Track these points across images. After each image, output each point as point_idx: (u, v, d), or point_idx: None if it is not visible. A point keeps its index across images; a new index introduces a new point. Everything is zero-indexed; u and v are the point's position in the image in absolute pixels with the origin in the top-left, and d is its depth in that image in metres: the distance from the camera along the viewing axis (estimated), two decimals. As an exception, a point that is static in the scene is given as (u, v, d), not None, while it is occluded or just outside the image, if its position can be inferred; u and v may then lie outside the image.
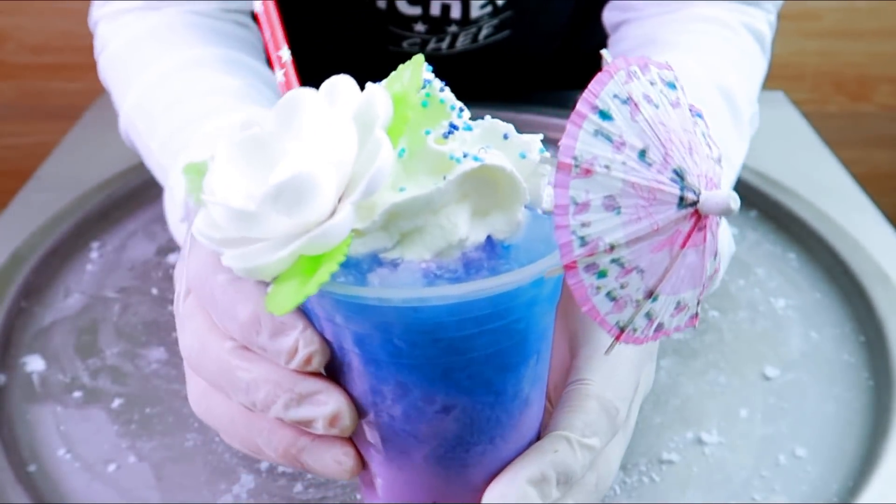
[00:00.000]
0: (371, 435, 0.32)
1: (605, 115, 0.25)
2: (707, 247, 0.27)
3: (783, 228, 0.71)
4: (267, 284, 0.28)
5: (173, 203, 0.52)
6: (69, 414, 0.54)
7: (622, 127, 0.25)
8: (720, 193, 0.25)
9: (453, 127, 0.29)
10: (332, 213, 0.27)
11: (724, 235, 0.39)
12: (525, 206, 0.30)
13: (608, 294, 0.26)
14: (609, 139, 0.25)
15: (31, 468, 0.51)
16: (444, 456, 0.32)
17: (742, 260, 0.68)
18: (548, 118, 0.84)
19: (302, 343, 0.29)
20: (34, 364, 0.58)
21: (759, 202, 0.73)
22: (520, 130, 0.31)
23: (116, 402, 0.55)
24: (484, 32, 0.78)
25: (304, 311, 0.31)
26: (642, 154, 0.25)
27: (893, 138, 1.51)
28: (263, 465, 0.51)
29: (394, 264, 0.28)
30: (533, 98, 0.88)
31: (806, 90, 1.48)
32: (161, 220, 0.73)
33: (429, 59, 0.30)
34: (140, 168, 0.76)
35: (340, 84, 0.29)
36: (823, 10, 1.42)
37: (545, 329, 0.32)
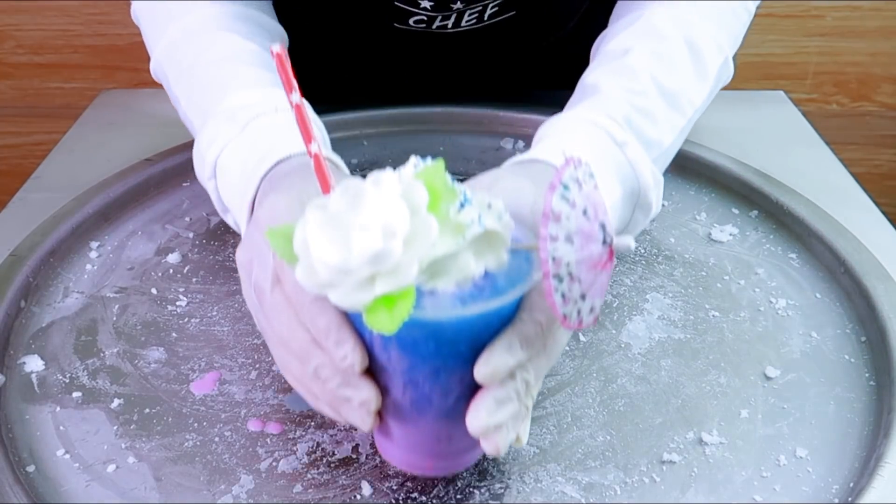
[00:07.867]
0: (396, 405, 0.45)
1: (566, 188, 0.41)
2: (610, 272, 0.44)
3: (784, 228, 0.71)
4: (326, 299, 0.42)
5: (203, 161, 0.62)
6: (68, 414, 0.54)
7: (574, 196, 0.41)
8: (624, 239, 0.43)
9: (461, 203, 0.42)
10: (400, 266, 0.40)
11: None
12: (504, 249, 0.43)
13: (562, 294, 0.40)
14: (567, 201, 0.41)
15: (30, 469, 0.51)
16: (449, 409, 0.45)
17: (742, 260, 0.68)
18: (547, 118, 0.83)
19: (350, 355, 0.43)
20: (33, 364, 0.58)
21: (759, 202, 0.73)
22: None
23: (115, 403, 0.55)
24: (489, 11, 0.79)
25: (353, 321, 0.44)
26: (584, 212, 0.41)
27: (895, 138, 1.51)
28: (263, 466, 0.51)
29: (431, 293, 0.41)
30: (533, 97, 0.88)
31: (807, 89, 1.48)
32: (160, 219, 0.73)
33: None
34: (140, 168, 0.76)
35: (383, 176, 0.41)
36: (825, 9, 1.41)
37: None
